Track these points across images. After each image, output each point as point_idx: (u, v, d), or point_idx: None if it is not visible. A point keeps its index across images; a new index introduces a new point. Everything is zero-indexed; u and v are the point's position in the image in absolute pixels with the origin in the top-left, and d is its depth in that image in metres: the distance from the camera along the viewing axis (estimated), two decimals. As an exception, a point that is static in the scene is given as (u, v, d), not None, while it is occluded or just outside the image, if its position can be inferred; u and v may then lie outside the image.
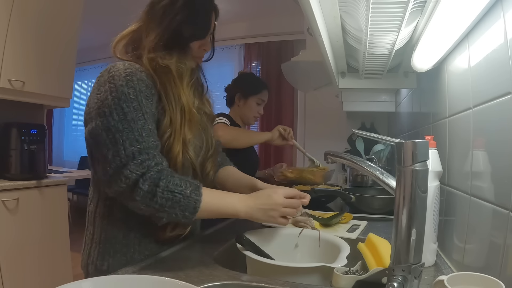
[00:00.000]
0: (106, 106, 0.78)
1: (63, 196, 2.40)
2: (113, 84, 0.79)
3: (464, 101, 0.79)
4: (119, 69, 0.81)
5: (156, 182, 0.76)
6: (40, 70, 2.28)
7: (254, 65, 4.01)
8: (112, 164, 0.76)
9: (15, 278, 2.02)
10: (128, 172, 0.75)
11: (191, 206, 0.78)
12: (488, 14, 0.65)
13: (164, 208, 0.76)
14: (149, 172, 0.76)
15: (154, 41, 0.87)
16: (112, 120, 0.77)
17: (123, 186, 0.75)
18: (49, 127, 5.09)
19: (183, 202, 0.77)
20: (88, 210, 0.92)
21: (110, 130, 0.77)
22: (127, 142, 0.76)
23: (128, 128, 0.77)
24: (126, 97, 0.78)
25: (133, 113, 0.78)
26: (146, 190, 0.75)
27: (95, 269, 0.86)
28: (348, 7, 0.74)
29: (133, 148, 0.76)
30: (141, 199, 0.75)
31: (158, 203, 0.76)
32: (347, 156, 0.74)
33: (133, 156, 0.76)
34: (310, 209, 1.24)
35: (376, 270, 0.63)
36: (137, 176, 0.75)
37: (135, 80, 0.81)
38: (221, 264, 0.79)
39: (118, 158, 0.76)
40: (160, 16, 0.89)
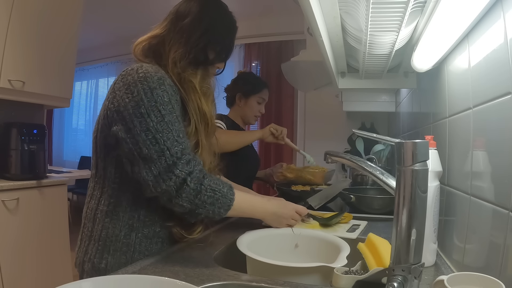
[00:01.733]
0: (143, 107, 0.80)
1: (63, 196, 2.40)
2: (146, 86, 0.81)
3: (464, 101, 0.79)
4: (149, 71, 0.83)
5: (201, 181, 0.81)
6: (40, 70, 2.28)
7: (254, 65, 4.01)
8: (157, 164, 0.79)
9: (15, 278, 2.02)
10: (179, 171, 0.79)
11: (226, 204, 0.85)
12: (488, 14, 0.65)
13: (205, 205, 0.82)
14: (195, 171, 0.81)
15: (180, 57, 0.89)
16: (150, 121, 0.79)
17: (171, 184, 0.78)
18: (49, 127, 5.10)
19: (221, 200, 0.84)
20: (87, 207, 0.92)
21: (149, 130, 0.79)
22: (168, 142, 0.80)
23: (167, 129, 0.80)
24: (161, 99, 0.81)
25: (169, 116, 0.81)
26: (192, 188, 0.80)
27: (92, 267, 0.86)
28: (348, 7, 0.74)
29: (176, 149, 0.80)
30: (187, 196, 0.80)
31: (202, 200, 0.81)
32: (347, 156, 0.74)
33: (179, 156, 0.80)
34: (310, 209, 1.25)
35: (376, 270, 0.63)
36: (185, 175, 0.79)
37: (166, 84, 0.84)
38: (221, 264, 0.79)
39: (164, 158, 0.79)
40: (187, 32, 0.91)
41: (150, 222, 0.89)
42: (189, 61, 0.91)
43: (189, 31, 0.91)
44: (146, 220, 0.88)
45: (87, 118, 5.63)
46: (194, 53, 0.91)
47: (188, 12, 0.92)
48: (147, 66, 0.84)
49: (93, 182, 0.92)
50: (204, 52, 0.93)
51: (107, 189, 0.88)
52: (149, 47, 0.92)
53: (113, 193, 0.87)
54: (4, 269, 1.96)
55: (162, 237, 0.92)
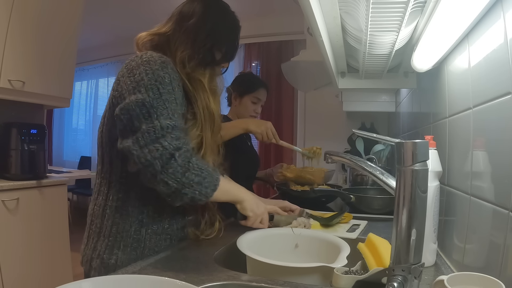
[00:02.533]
0: (142, 86, 0.80)
1: (63, 196, 2.40)
2: (149, 67, 0.81)
3: (464, 101, 0.79)
4: (153, 56, 0.84)
5: (189, 158, 0.80)
6: (40, 70, 2.28)
7: (254, 65, 4.01)
8: (145, 135, 0.77)
9: (15, 278, 2.02)
10: (167, 144, 0.77)
11: (213, 183, 0.83)
12: (488, 14, 0.65)
13: (192, 184, 0.79)
14: (184, 147, 0.79)
15: (188, 58, 0.90)
16: (147, 97, 0.79)
17: (157, 156, 0.76)
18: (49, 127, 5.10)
19: (208, 179, 0.82)
20: (94, 204, 0.92)
21: (144, 105, 0.78)
22: (161, 117, 0.79)
23: (163, 106, 0.80)
24: (162, 79, 0.81)
25: (167, 95, 0.81)
26: (180, 164, 0.77)
27: (100, 263, 0.86)
28: (348, 7, 0.74)
29: (168, 123, 0.79)
30: (173, 172, 0.77)
31: (189, 178, 0.79)
32: (347, 156, 0.74)
33: (169, 129, 0.78)
34: (310, 209, 1.25)
35: (376, 270, 0.63)
36: (173, 149, 0.77)
37: (169, 67, 0.84)
38: (221, 264, 0.79)
39: (153, 130, 0.77)
40: (193, 33, 0.92)
41: (159, 218, 0.90)
42: (198, 61, 0.92)
43: (194, 32, 0.92)
44: (155, 216, 0.90)
45: (87, 118, 5.63)
46: (202, 54, 0.92)
47: (192, 13, 0.93)
48: (151, 52, 0.85)
49: (99, 178, 0.93)
50: (211, 53, 0.94)
51: (115, 184, 0.88)
52: (154, 45, 0.93)
53: (121, 188, 0.88)
54: (4, 269, 1.96)
55: (171, 234, 0.93)
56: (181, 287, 0.55)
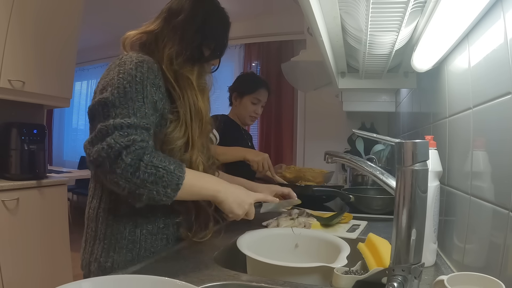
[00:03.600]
0: (110, 85, 0.79)
1: (63, 196, 2.39)
2: (122, 68, 0.80)
3: (464, 101, 0.79)
4: (131, 56, 0.83)
5: (140, 156, 0.74)
6: (40, 70, 2.28)
7: (254, 65, 4.01)
8: (98, 133, 0.75)
9: (15, 278, 2.02)
10: (112, 142, 0.73)
11: (174, 182, 0.76)
12: (488, 14, 0.65)
13: (145, 184, 0.74)
14: (134, 146, 0.73)
15: (176, 55, 0.89)
16: (111, 95, 0.77)
17: (103, 155, 0.72)
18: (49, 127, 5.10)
19: (166, 177, 0.75)
20: (89, 207, 0.91)
21: (106, 104, 0.77)
22: (118, 116, 0.76)
23: (125, 105, 0.77)
24: (132, 78, 0.79)
25: (134, 94, 0.78)
26: (129, 163, 0.72)
27: (98, 267, 0.85)
28: (348, 7, 0.74)
29: (122, 122, 0.75)
30: (122, 172, 0.72)
31: (140, 178, 0.73)
32: (347, 156, 0.74)
33: (120, 127, 0.74)
34: (310, 209, 1.25)
35: (376, 270, 0.63)
36: (120, 148, 0.73)
37: (145, 66, 0.82)
38: (221, 264, 0.79)
39: (105, 128, 0.74)
40: (181, 29, 0.90)
41: (153, 218, 0.89)
42: (186, 58, 0.90)
43: (182, 28, 0.90)
44: (149, 216, 0.88)
45: (87, 118, 5.62)
46: (190, 51, 0.91)
47: (181, 9, 0.92)
48: (132, 53, 0.84)
49: (93, 181, 0.92)
50: (200, 49, 0.93)
51: (108, 187, 0.87)
52: (141, 43, 0.92)
53: (113, 190, 0.85)
54: (4, 269, 1.96)
55: (167, 234, 0.92)
56: (181, 287, 0.55)
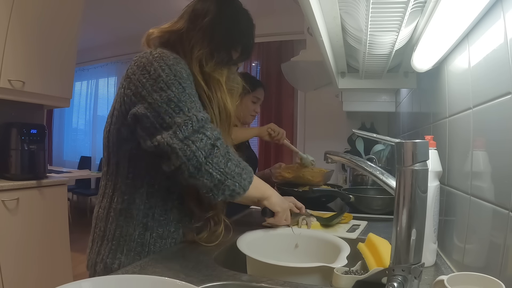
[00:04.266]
0: (162, 82, 0.78)
1: (63, 196, 2.40)
2: (164, 63, 0.79)
3: (464, 101, 0.79)
4: (165, 52, 0.82)
5: (227, 149, 0.79)
6: (40, 70, 2.28)
7: (254, 65, 4.02)
8: (183, 127, 0.75)
9: (15, 278, 2.02)
10: (209, 133, 0.77)
11: (249, 175, 0.83)
12: (488, 14, 0.65)
13: (233, 175, 0.79)
14: (221, 139, 0.79)
15: (206, 57, 0.89)
16: (171, 92, 0.77)
17: (201, 146, 0.75)
18: (49, 127, 5.10)
19: (246, 170, 0.82)
20: (99, 206, 0.90)
21: (171, 101, 0.77)
22: (192, 110, 0.78)
23: (190, 100, 0.79)
24: (180, 74, 0.80)
25: (190, 89, 0.80)
26: (222, 154, 0.77)
27: (104, 268, 0.84)
28: (348, 7, 0.74)
29: (202, 115, 0.78)
30: (217, 162, 0.76)
31: (231, 168, 0.78)
32: (347, 156, 0.74)
33: (205, 121, 0.78)
34: (310, 209, 1.25)
35: (376, 270, 0.63)
36: (215, 139, 0.77)
37: (182, 63, 0.83)
38: (221, 264, 0.79)
39: (191, 123, 0.76)
40: (209, 31, 0.90)
41: (165, 222, 0.88)
42: (217, 61, 0.91)
43: (210, 30, 0.90)
44: (161, 219, 0.87)
45: (87, 118, 5.63)
46: (221, 53, 0.91)
47: (206, 12, 0.91)
48: (161, 49, 0.84)
49: (104, 180, 0.90)
50: (229, 52, 0.94)
51: (120, 186, 0.86)
52: (163, 42, 0.90)
53: (127, 190, 0.86)
54: (4, 269, 1.96)
55: (176, 238, 0.91)
56: (181, 287, 0.55)
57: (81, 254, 2.97)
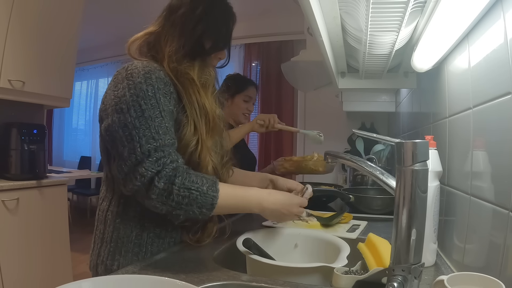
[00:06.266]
0: (124, 103, 0.77)
1: (63, 196, 2.40)
2: (131, 81, 0.79)
3: (464, 101, 0.79)
4: (137, 67, 0.81)
5: (172, 180, 0.76)
6: (40, 70, 2.28)
7: (254, 65, 4.01)
8: (127, 162, 0.76)
9: (15, 278, 2.02)
10: (144, 170, 0.75)
11: (208, 202, 0.78)
12: (488, 14, 0.65)
13: (181, 206, 0.76)
14: (165, 170, 0.76)
15: (175, 51, 0.86)
16: (129, 116, 0.77)
17: (138, 184, 0.75)
18: (49, 127, 5.10)
19: (200, 199, 0.77)
20: (99, 209, 0.91)
21: (127, 126, 0.77)
22: (143, 139, 0.76)
23: (145, 125, 0.77)
24: (144, 94, 0.78)
25: (151, 110, 0.78)
26: (162, 188, 0.75)
27: (104, 269, 0.85)
28: (348, 7, 0.74)
29: (149, 146, 0.76)
30: (157, 197, 0.75)
31: (175, 200, 0.75)
32: (347, 156, 0.74)
33: (148, 153, 0.76)
34: (310, 209, 1.25)
35: (376, 270, 0.63)
36: (152, 174, 0.75)
37: (153, 78, 0.80)
38: (221, 264, 0.79)
39: (134, 156, 0.75)
40: (180, 24, 0.88)
41: (162, 222, 0.88)
42: (184, 53, 0.87)
43: (182, 22, 0.88)
44: (158, 220, 0.87)
45: (87, 118, 5.63)
46: (190, 45, 0.87)
47: (180, 4, 0.89)
48: (137, 62, 0.83)
49: (105, 184, 0.92)
50: (200, 42, 0.89)
51: (117, 190, 0.87)
52: (146, 45, 0.90)
53: (122, 193, 0.86)
54: (4, 269, 1.96)
55: (175, 237, 0.91)
56: (181, 287, 0.55)
57: (81, 254, 2.97)
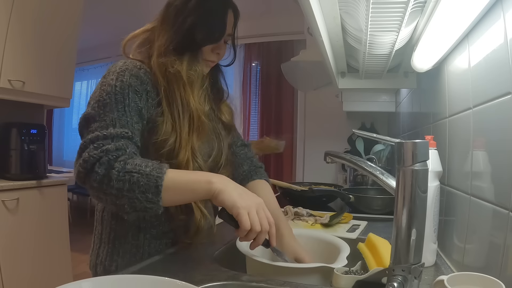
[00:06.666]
0: (92, 98, 0.79)
1: (63, 196, 2.40)
2: (105, 79, 0.80)
3: (464, 101, 0.79)
4: (115, 65, 0.82)
5: (111, 164, 0.69)
6: (40, 70, 2.28)
7: (254, 65, 4.01)
8: (78, 150, 0.74)
9: (15, 278, 2.02)
10: (86, 155, 0.70)
11: (151, 185, 0.68)
12: (488, 14, 0.65)
13: (122, 193, 0.68)
14: (106, 156, 0.70)
15: (164, 45, 0.84)
16: (91, 109, 0.77)
17: (81, 170, 0.71)
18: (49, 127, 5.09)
19: (142, 181, 0.68)
20: (96, 209, 0.92)
21: (87, 119, 0.77)
22: (97, 129, 0.74)
23: (103, 118, 0.75)
24: (111, 89, 0.77)
25: (113, 104, 0.76)
26: (102, 174, 0.69)
27: (103, 270, 0.85)
28: (348, 7, 0.74)
29: (98, 134, 0.73)
30: (98, 185, 0.70)
31: (115, 187, 0.68)
32: (347, 156, 0.74)
33: (96, 139, 0.72)
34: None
35: (376, 270, 0.63)
36: (93, 160, 0.70)
37: (127, 74, 0.79)
38: (221, 264, 0.79)
39: (83, 143, 0.73)
40: (172, 17, 0.85)
41: (157, 223, 0.88)
42: (173, 47, 0.83)
43: (173, 15, 0.85)
44: (152, 221, 0.87)
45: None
46: (179, 38, 0.83)
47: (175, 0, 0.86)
48: (120, 62, 0.83)
49: None
50: (190, 35, 0.84)
51: None
52: (142, 42, 0.89)
53: None
54: (4, 269, 1.96)
55: (172, 238, 0.91)
56: (181, 287, 0.54)
57: (81, 254, 2.97)
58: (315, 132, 3.40)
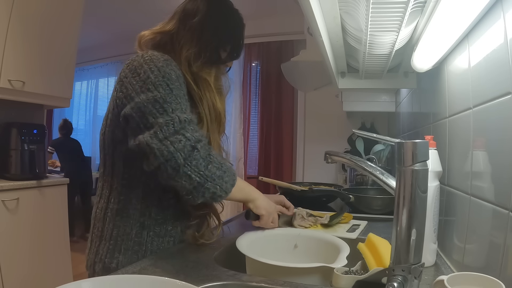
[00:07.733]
0: (150, 83, 0.79)
1: (63, 196, 2.40)
2: (153, 65, 0.80)
3: (464, 101, 0.79)
4: (155, 54, 0.83)
5: (209, 151, 0.79)
6: (40, 70, 2.28)
7: (254, 65, 4.01)
8: (164, 128, 0.75)
9: (15, 278, 2.02)
10: (189, 135, 0.76)
11: (232, 178, 0.82)
12: (488, 14, 0.65)
13: (214, 178, 0.78)
14: (204, 140, 0.79)
15: (194, 57, 0.89)
16: (158, 93, 0.78)
17: (180, 147, 0.74)
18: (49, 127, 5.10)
19: (228, 173, 0.81)
20: (96, 207, 0.91)
21: (157, 101, 0.77)
22: (177, 111, 0.78)
23: (175, 101, 0.79)
24: (169, 76, 0.80)
25: (177, 91, 0.80)
26: (202, 156, 0.77)
27: (102, 267, 0.85)
28: (348, 7, 0.74)
29: (185, 116, 0.78)
30: (196, 165, 0.75)
31: (211, 171, 0.77)
32: (347, 156, 0.74)
33: (189, 121, 0.78)
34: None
35: (376, 270, 0.63)
36: (195, 141, 0.77)
37: (173, 65, 0.83)
38: (221, 264, 0.79)
39: (172, 123, 0.76)
40: (198, 31, 0.90)
41: (162, 220, 0.89)
42: (205, 60, 0.91)
43: (199, 30, 0.91)
44: (157, 218, 0.88)
45: (87, 118, 5.62)
46: (208, 53, 0.91)
47: (196, 11, 0.92)
48: (152, 51, 0.85)
49: (101, 181, 0.92)
50: (217, 52, 0.94)
51: (116, 186, 0.87)
52: (155, 43, 0.92)
53: (123, 190, 0.87)
54: (4, 269, 1.96)
55: (174, 236, 0.91)
56: (181, 287, 0.55)
57: (81, 254, 2.97)
58: (315, 132, 3.40)
